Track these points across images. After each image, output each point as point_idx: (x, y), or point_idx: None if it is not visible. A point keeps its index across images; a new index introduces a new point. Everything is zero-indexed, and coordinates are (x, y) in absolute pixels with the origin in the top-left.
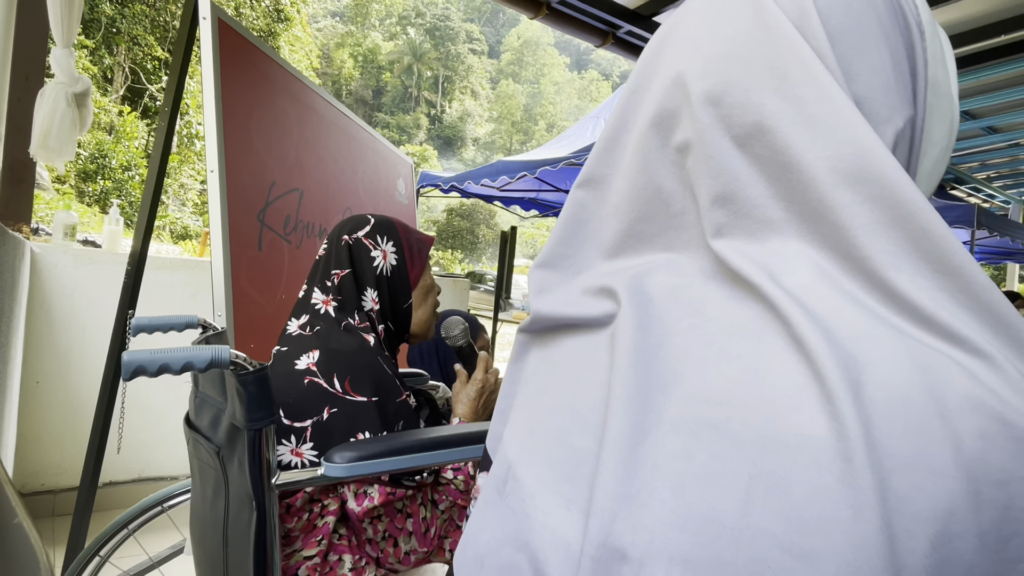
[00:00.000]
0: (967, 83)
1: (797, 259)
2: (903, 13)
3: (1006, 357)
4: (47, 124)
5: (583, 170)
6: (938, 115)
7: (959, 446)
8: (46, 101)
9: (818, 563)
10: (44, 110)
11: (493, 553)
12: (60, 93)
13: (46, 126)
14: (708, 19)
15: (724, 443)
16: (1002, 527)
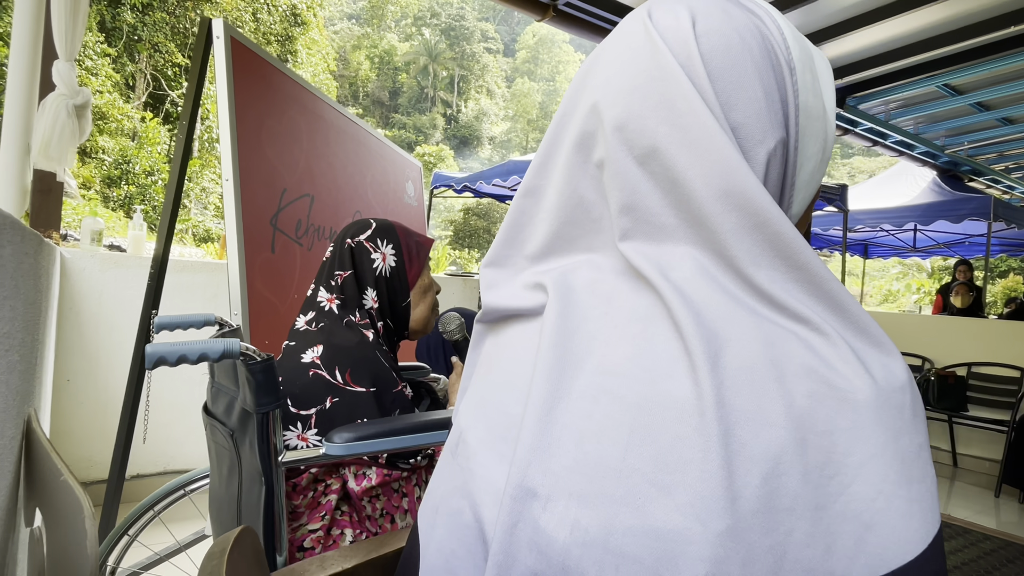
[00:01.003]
0: (979, 74)
1: (683, 258)
2: (775, 53)
3: (839, 334)
4: (48, 134)
5: (524, 182)
6: (811, 135)
7: (791, 403)
8: (47, 112)
9: (675, 493)
10: (45, 120)
11: (445, 502)
12: (61, 105)
13: (47, 136)
14: (619, 58)
15: (615, 405)
16: (825, 467)
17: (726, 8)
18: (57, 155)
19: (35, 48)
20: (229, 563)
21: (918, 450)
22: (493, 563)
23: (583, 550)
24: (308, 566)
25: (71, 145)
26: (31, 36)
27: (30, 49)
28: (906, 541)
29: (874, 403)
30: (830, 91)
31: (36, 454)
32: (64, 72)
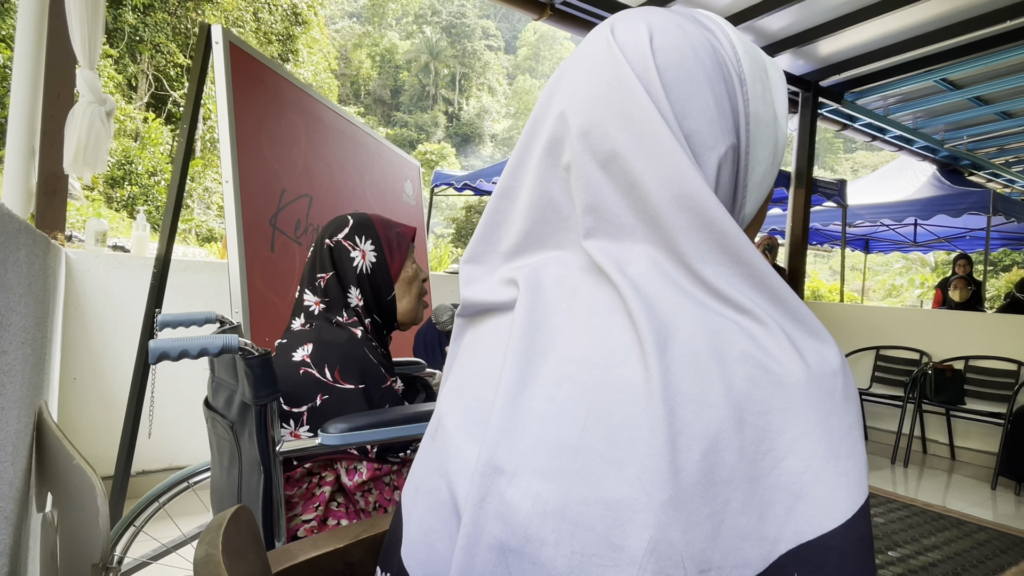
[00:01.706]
0: (977, 69)
1: (640, 255)
2: (726, 66)
3: (778, 324)
4: (83, 140)
5: (499, 183)
6: (761, 141)
7: (730, 387)
8: (78, 120)
9: (624, 467)
10: (78, 128)
11: (424, 482)
12: (93, 112)
13: (82, 142)
14: (584, 69)
15: (575, 390)
16: (760, 444)
17: (681, 24)
18: (92, 160)
19: (38, 52)
20: (225, 536)
21: (847, 429)
22: (464, 533)
23: (543, 520)
24: (302, 546)
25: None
26: (34, 40)
27: (33, 53)
28: (832, 510)
29: (806, 386)
30: (782, 99)
31: (47, 442)
32: (90, 80)
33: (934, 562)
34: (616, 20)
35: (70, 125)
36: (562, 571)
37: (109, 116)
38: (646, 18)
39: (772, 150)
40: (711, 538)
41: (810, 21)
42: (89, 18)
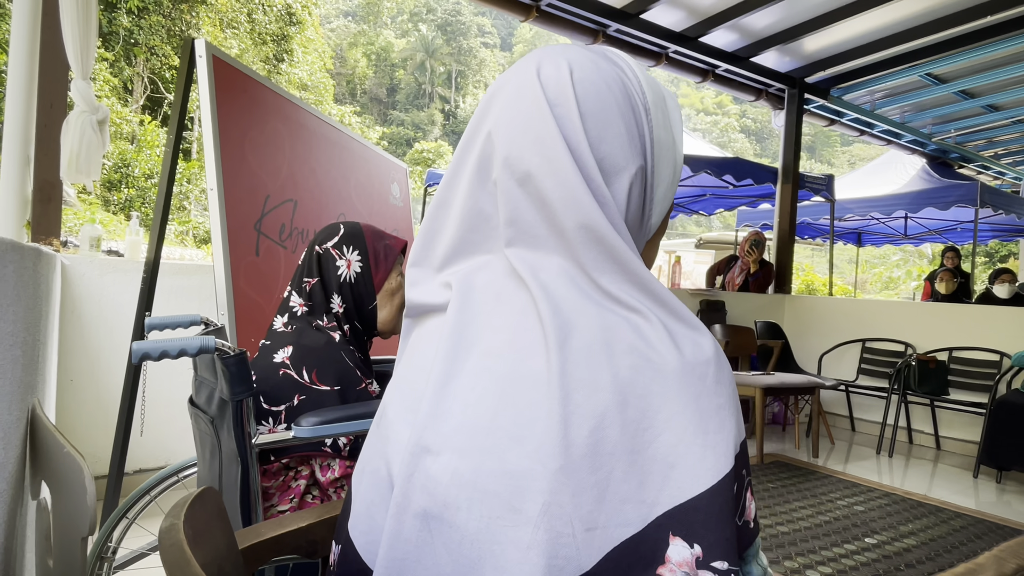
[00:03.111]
0: (961, 63)
1: (551, 264)
2: (633, 98)
3: (660, 319)
4: (76, 149)
5: (436, 195)
6: (663, 162)
7: (617, 374)
8: (72, 129)
9: (525, 443)
10: (72, 137)
11: (368, 463)
12: (86, 121)
13: (75, 150)
14: (510, 96)
15: (491, 380)
16: (640, 422)
17: (596, 62)
18: (86, 168)
19: (32, 61)
20: (189, 512)
21: (716, 409)
22: (394, 503)
23: (459, 490)
24: (268, 525)
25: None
26: (28, 49)
27: (27, 62)
28: (700, 477)
29: (680, 373)
30: (678, 126)
31: (41, 435)
32: (83, 90)
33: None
34: (542, 56)
35: (64, 134)
36: (473, 532)
37: (102, 124)
38: (567, 55)
39: (672, 169)
40: (597, 501)
41: (795, 18)
42: (81, 28)
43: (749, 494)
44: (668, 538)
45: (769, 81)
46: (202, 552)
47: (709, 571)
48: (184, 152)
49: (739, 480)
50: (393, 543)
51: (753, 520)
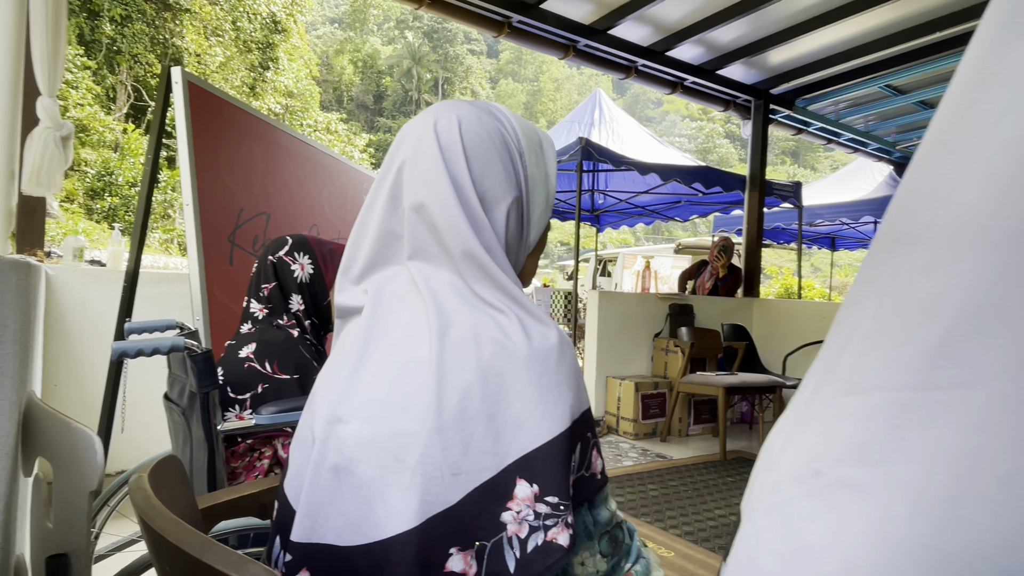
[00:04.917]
0: (918, 75)
1: (441, 276)
2: (509, 144)
3: (518, 317)
4: (37, 163)
5: (359, 217)
6: (536, 192)
7: (480, 358)
8: (35, 143)
9: (410, 411)
10: (34, 151)
11: (300, 432)
12: (48, 137)
13: (36, 164)
14: (413, 141)
15: (390, 365)
16: (497, 394)
17: (480, 116)
18: (47, 182)
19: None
20: (155, 472)
21: (556, 385)
22: (313, 460)
23: (360, 448)
24: (225, 491)
25: (58, 172)
26: (12, 65)
27: (12, 78)
28: (540, 434)
29: (528, 357)
30: (552, 163)
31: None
32: (48, 107)
33: None
34: (439, 111)
35: (28, 148)
36: (369, 479)
37: (66, 140)
38: (457, 111)
39: (545, 197)
40: (462, 453)
41: (759, 32)
42: (50, 47)
43: (595, 452)
44: (516, 480)
45: (736, 93)
46: (164, 503)
47: (544, 504)
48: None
49: (581, 440)
50: (312, 490)
51: (600, 472)
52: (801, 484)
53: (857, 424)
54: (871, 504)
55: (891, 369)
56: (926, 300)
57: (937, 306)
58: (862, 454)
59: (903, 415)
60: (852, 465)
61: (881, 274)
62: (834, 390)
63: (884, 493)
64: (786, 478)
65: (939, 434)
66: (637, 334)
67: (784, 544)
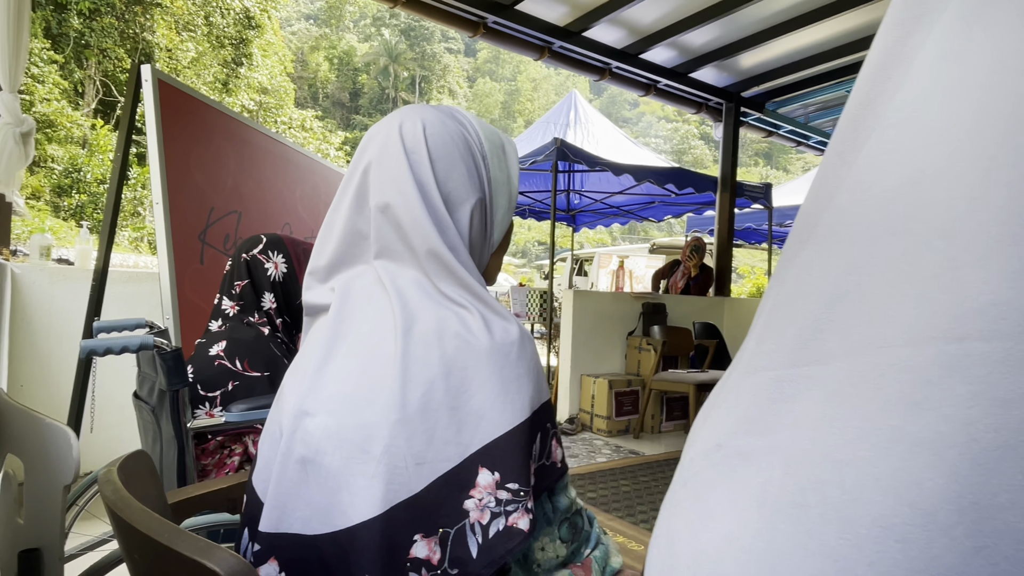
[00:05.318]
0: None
1: (406, 274)
2: (472, 147)
3: (480, 313)
4: None
5: (327, 217)
6: (500, 193)
7: (443, 352)
8: None
9: (374, 404)
10: None
11: (267, 428)
12: (8, 133)
13: None
14: (379, 143)
15: (356, 360)
16: (460, 387)
17: (444, 120)
18: (5, 179)
19: None
20: (124, 466)
21: (516, 377)
22: (280, 453)
23: (326, 440)
24: (195, 486)
25: (18, 169)
26: None
27: None
28: (501, 424)
29: (490, 351)
30: (514, 166)
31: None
32: (8, 102)
33: None
34: (404, 115)
35: None
36: (335, 470)
37: (27, 137)
38: (422, 115)
39: (508, 198)
40: (426, 444)
41: (731, 36)
42: (12, 44)
43: (555, 442)
44: (478, 468)
45: (708, 95)
46: (134, 496)
47: (505, 491)
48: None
49: (541, 430)
50: (279, 482)
51: (560, 461)
52: (708, 457)
53: (749, 400)
54: (755, 469)
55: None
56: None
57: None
58: (751, 426)
59: (780, 390)
60: (743, 436)
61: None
62: (738, 373)
63: (765, 459)
64: (697, 453)
65: (805, 405)
66: (611, 333)
67: (693, 511)
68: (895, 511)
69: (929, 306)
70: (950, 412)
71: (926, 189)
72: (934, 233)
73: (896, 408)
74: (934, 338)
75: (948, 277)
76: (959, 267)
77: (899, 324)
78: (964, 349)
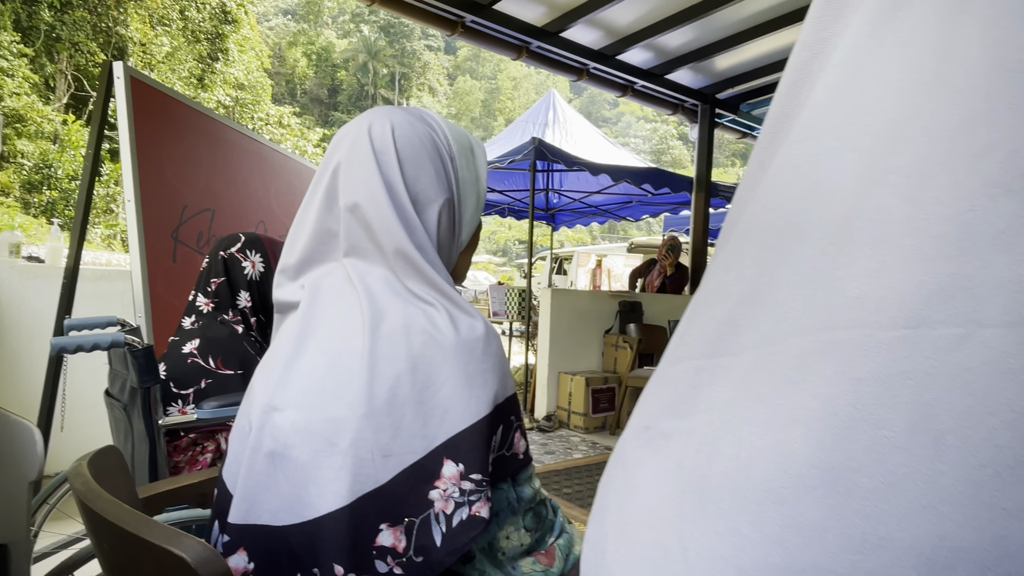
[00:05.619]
0: None
1: (374, 272)
2: (440, 148)
3: (447, 310)
4: None
5: (297, 216)
6: (468, 193)
7: (410, 349)
8: None
9: (342, 398)
10: None
11: (238, 423)
12: None
13: None
14: (348, 144)
15: (324, 356)
16: (426, 382)
17: (412, 122)
18: None
19: None
20: (94, 460)
21: (481, 372)
22: (249, 447)
23: (295, 434)
24: (166, 481)
25: None
26: None
27: None
28: (465, 418)
29: (455, 347)
30: (483, 167)
31: None
32: None
33: None
34: (373, 116)
35: None
36: (303, 462)
37: None
38: (391, 117)
39: (476, 198)
40: (392, 437)
41: (706, 39)
42: None
43: (519, 435)
44: (443, 460)
45: (683, 97)
46: (105, 490)
47: (469, 481)
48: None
49: (504, 423)
50: (248, 475)
51: (523, 453)
52: (637, 437)
53: (672, 387)
54: (674, 448)
55: (696, 343)
56: (722, 289)
57: (726, 293)
58: (673, 409)
59: (699, 377)
60: (667, 419)
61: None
62: (666, 362)
63: (683, 438)
64: (629, 434)
65: (718, 391)
66: (588, 330)
67: (622, 486)
68: (773, 476)
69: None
70: (819, 391)
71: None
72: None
73: (781, 389)
74: (813, 328)
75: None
76: (838, 267)
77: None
78: (833, 337)
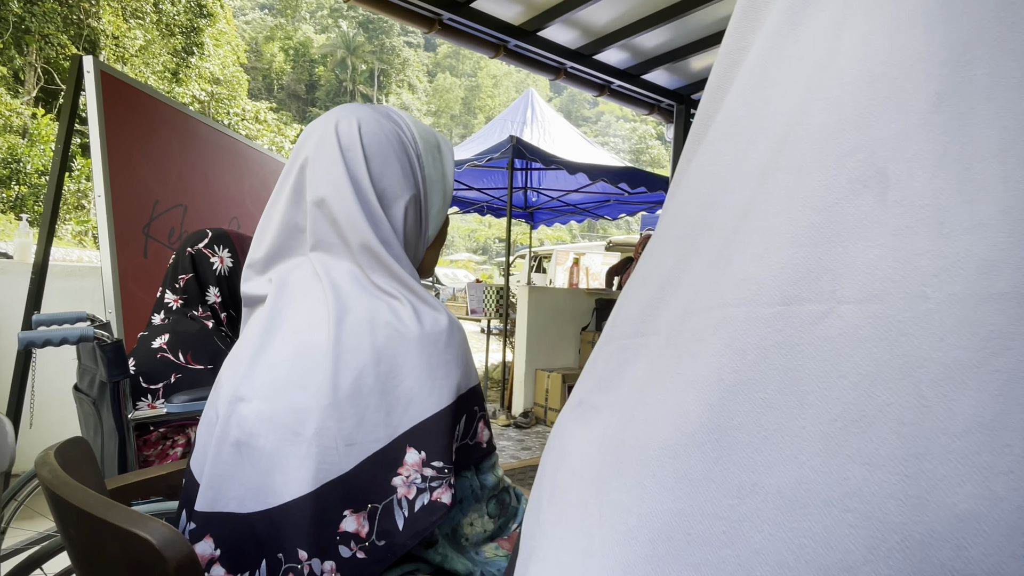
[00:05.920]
0: None
1: (340, 266)
2: (406, 146)
3: (411, 303)
4: None
5: (265, 212)
6: (434, 190)
7: (375, 341)
8: None
9: (307, 389)
10: None
11: (205, 414)
12: None
13: None
14: (315, 141)
15: (290, 348)
16: (390, 373)
17: (379, 120)
18: None
19: None
20: (61, 450)
21: (444, 364)
22: (216, 436)
23: (260, 423)
24: (135, 473)
25: None
26: None
27: None
28: (427, 408)
29: (418, 339)
30: (449, 164)
31: None
32: None
33: None
34: (340, 114)
35: None
36: (268, 452)
37: None
38: (357, 114)
39: (442, 195)
40: (356, 426)
41: (682, 39)
42: None
43: (482, 424)
44: (406, 448)
45: (660, 97)
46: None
47: (430, 468)
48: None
49: (468, 413)
50: (215, 464)
51: (487, 442)
52: (572, 412)
53: (603, 364)
54: (601, 418)
55: (623, 325)
56: (647, 276)
57: (650, 279)
58: (603, 385)
59: (623, 355)
60: (597, 393)
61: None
62: (600, 342)
63: (608, 410)
64: (566, 409)
65: (637, 367)
66: (565, 328)
67: (556, 455)
68: (671, 435)
69: (714, 285)
70: (710, 360)
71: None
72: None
73: (683, 361)
74: (710, 307)
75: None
76: (734, 254)
77: (698, 300)
78: (723, 314)
